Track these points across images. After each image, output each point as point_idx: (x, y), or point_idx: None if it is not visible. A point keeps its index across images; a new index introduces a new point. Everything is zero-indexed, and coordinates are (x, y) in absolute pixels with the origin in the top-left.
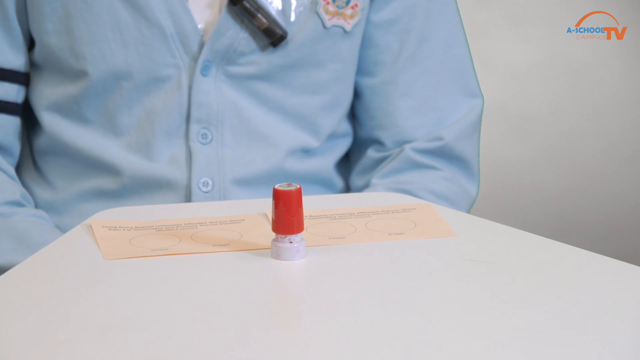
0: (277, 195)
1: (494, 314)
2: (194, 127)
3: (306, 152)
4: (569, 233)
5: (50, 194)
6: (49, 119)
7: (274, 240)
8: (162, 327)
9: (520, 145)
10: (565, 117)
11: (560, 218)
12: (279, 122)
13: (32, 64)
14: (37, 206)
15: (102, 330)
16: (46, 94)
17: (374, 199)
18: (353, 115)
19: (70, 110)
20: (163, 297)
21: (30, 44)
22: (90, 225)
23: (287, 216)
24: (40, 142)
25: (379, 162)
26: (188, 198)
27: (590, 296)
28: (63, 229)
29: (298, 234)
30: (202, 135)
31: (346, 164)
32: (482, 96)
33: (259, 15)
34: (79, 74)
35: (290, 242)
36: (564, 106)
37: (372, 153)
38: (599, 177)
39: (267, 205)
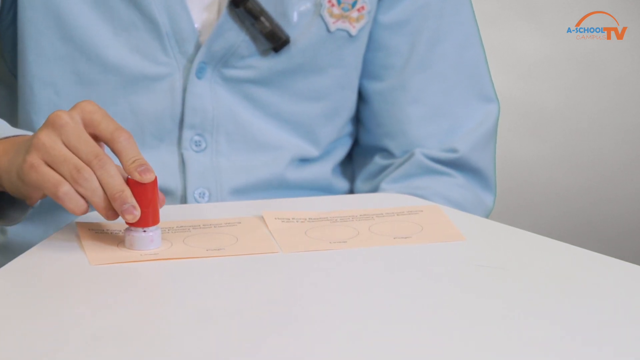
0: (131, 186)
1: (505, 323)
2: (187, 134)
3: (304, 160)
4: (585, 235)
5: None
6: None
7: (127, 229)
8: (153, 337)
9: (532, 142)
10: (581, 112)
11: (575, 219)
12: (276, 130)
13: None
14: (3, 217)
15: (88, 341)
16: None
17: (378, 200)
18: (358, 120)
19: (47, 101)
20: (154, 305)
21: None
22: (75, 228)
23: (141, 208)
24: None
25: (387, 167)
26: None
27: (608, 304)
28: (38, 240)
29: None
30: (196, 142)
31: (349, 166)
32: (498, 101)
33: (262, 19)
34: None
35: (144, 232)
36: (578, 101)
37: (379, 160)
38: (616, 176)
39: (263, 207)
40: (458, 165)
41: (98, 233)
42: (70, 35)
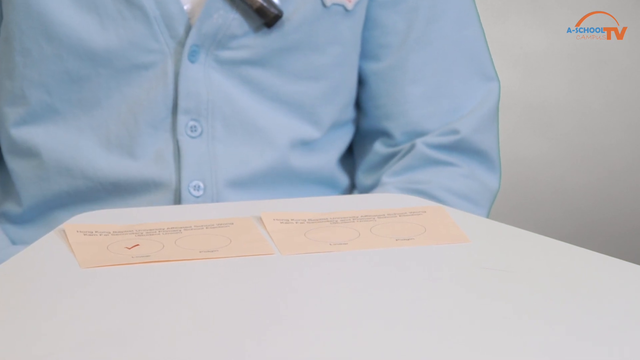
0: None
1: (511, 327)
2: (182, 119)
3: (306, 144)
4: (592, 236)
5: (11, 203)
6: (12, 114)
7: None
8: (145, 342)
9: (538, 140)
10: (588, 109)
11: (582, 219)
12: (275, 113)
13: None
14: None
15: (79, 346)
16: (5, 86)
17: (380, 200)
18: (356, 104)
19: (40, 102)
20: (146, 308)
21: None
22: (64, 231)
23: None
24: None
25: (389, 158)
26: (177, 203)
27: (616, 307)
28: (29, 243)
29: None
30: (191, 127)
31: (350, 159)
32: (498, 79)
33: None
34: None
35: None
36: (586, 97)
37: (379, 147)
38: (624, 174)
39: (257, 207)
40: (460, 148)
41: (87, 235)
42: (55, 34)
